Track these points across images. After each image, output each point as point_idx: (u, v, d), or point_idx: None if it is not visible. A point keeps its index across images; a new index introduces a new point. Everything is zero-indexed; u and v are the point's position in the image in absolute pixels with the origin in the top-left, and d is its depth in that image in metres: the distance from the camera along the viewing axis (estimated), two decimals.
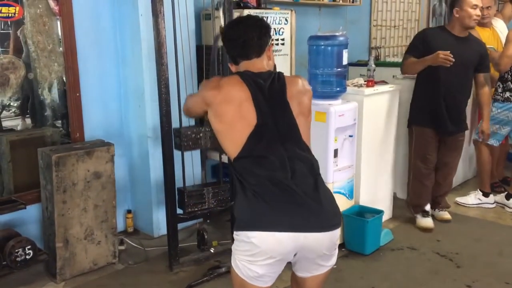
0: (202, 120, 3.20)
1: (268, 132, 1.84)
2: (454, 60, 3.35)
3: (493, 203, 4.25)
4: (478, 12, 3.53)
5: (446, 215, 3.94)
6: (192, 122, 3.28)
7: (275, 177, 1.79)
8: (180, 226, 3.30)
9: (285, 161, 1.82)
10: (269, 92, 1.88)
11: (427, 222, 3.78)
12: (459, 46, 3.55)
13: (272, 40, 2.06)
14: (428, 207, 3.84)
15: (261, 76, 1.91)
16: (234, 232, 1.84)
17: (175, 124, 3.12)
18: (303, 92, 1.98)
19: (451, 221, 3.89)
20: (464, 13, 3.52)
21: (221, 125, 1.87)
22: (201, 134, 3.19)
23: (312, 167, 1.87)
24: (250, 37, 1.93)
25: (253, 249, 1.76)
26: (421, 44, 3.61)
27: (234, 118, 1.84)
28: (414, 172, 3.82)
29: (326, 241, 1.82)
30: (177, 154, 3.16)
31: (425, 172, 3.78)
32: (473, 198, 4.25)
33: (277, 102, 1.89)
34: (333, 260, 1.92)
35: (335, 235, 1.85)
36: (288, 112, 1.89)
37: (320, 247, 1.82)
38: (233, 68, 2.02)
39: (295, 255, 1.84)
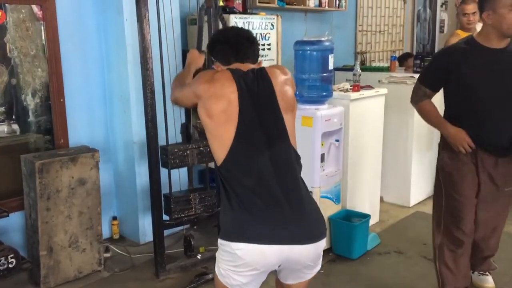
0: (189, 137, 3.19)
1: (254, 137, 1.81)
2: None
3: None
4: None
5: (488, 283, 2.89)
6: (179, 138, 3.26)
7: (260, 188, 1.77)
8: (166, 232, 3.27)
9: (271, 170, 1.79)
10: (258, 95, 1.84)
11: None
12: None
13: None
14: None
15: (248, 76, 1.87)
16: (219, 241, 1.82)
17: (161, 141, 3.10)
18: (284, 83, 1.91)
19: None
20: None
21: (209, 119, 1.82)
22: (188, 152, 3.16)
23: (296, 176, 1.85)
24: (244, 43, 1.95)
25: (237, 261, 1.75)
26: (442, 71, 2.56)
27: (220, 117, 1.80)
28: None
29: (311, 253, 1.81)
30: None
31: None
32: None
33: (266, 105, 1.85)
34: (318, 268, 1.92)
35: (320, 246, 1.84)
36: (277, 115, 1.85)
37: (305, 259, 1.81)
38: (219, 69, 1.96)
39: (279, 265, 1.83)
